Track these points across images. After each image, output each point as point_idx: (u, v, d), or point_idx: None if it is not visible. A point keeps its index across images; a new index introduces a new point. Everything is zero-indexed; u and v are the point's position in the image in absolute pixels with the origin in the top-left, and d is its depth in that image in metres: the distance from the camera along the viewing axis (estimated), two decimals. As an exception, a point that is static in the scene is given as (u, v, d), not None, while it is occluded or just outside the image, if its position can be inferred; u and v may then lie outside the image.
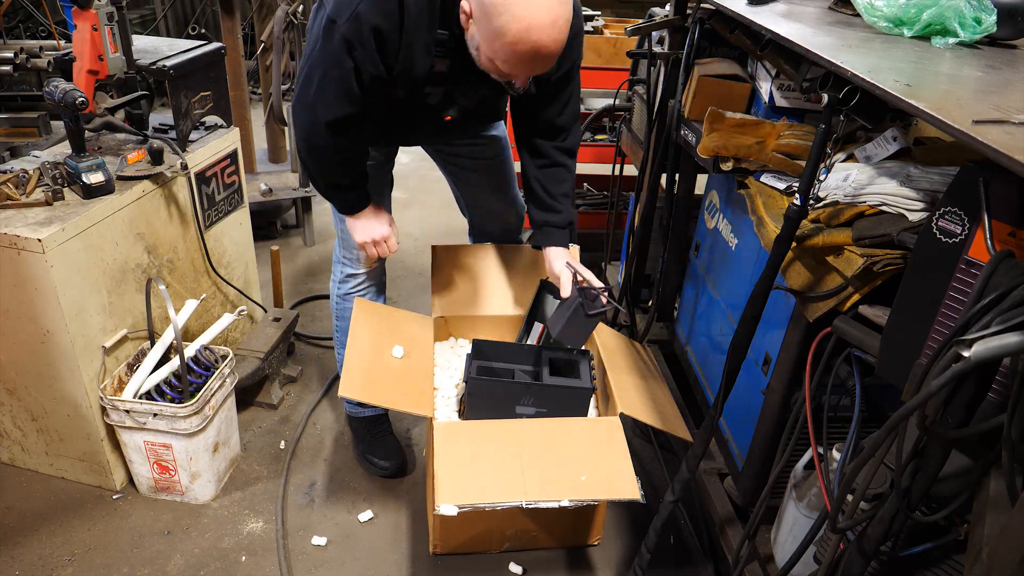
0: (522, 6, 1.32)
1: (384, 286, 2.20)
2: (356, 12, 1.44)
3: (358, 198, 1.84)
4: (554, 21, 1.35)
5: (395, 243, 1.92)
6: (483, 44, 1.43)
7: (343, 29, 1.45)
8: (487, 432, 1.70)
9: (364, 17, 1.44)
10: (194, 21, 5.63)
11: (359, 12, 1.44)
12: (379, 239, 1.88)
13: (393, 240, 1.91)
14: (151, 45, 2.28)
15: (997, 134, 0.92)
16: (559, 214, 1.90)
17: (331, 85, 1.54)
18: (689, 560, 2.02)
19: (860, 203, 1.38)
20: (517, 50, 1.37)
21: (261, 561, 1.95)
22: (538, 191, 1.90)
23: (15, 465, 2.19)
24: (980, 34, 1.40)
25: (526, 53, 1.37)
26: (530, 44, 1.35)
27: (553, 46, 1.38)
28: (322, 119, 1.59)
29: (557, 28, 1.36)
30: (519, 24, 1.33)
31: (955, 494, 1.07)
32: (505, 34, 1.35)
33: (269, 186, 3.43)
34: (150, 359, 2.02)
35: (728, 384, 1.56)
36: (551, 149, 1.88)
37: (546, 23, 1.34)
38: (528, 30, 1.34)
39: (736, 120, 1.71)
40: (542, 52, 1.38)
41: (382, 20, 1.45)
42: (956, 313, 1.04)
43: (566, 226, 1.91)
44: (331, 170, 1.76)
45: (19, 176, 1.90)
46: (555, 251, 1.91)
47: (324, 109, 1.58)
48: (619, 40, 3.03)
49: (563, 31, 1.38)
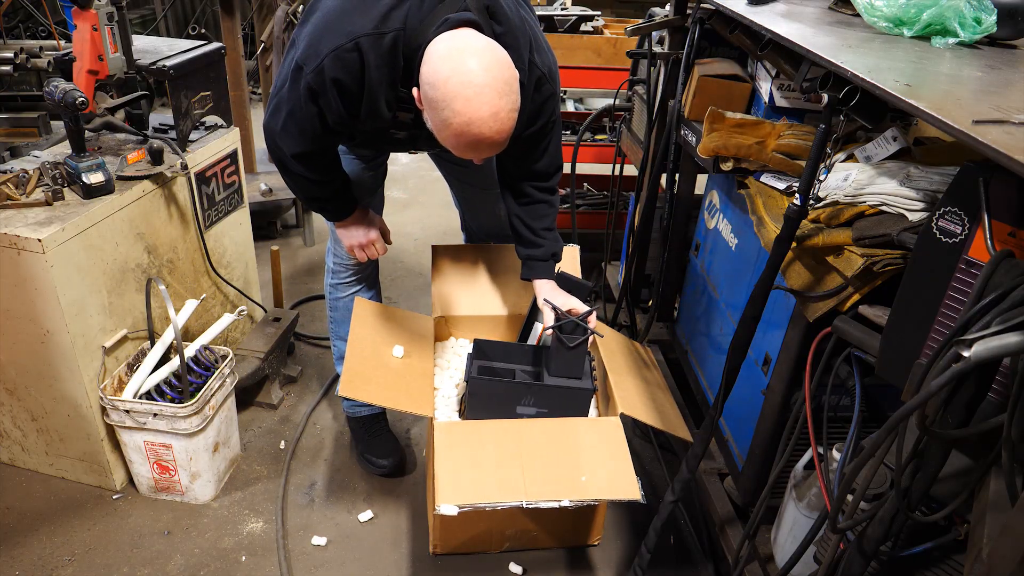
0: (461, 102, 1.35)
1: (376, 277, 2.21)
2: (321, 65, 1.47)
3: (340, 207, 1.86)
4: (495, 114, 1.37)
5: (383, 246, 1.94)
6: (434, 130, 1.47)
7: (308, 78, 1.49)
8: (487, 432, 1.70)
9: (327, 71, 1.47)
10: (194, 21, 5.63)
11: (323, 66, 1.47)
12: (365, 243, 1.90)
13: (380, 243, 1.93)
14: (151, 45, 2.28)
15: (997, 134, 0.92)
16: (540, 248, 1.89)
17: (295, 124, 1.59)
18: (689, 560, 2.02)
19: (860, 203, 1.38)
20: (461, 141, 1.41)
21: (261, 561, 1.95)
22: (519, 227, 1.90)
23: (15, 465, 2.19)
24: (980, 34, 1.40)
25: (470, 144, 1.41)
26: (472, 136, 1.39)
27: (496, 136, 1.40)
28: (287, 151, 1.66)
29: (499, 120, 1.38)
30: (460, 119, 1.36)
31: (955, 494, 1.07)
32: (449, 126, 1.39)
33: (269, 186, 3.43)
34: (150, 359, 2.02)
35: (728, 384, 1.56)
36: (531, 189, 1.87)
37: (486, 116, 1.36)
38: (469, 124, 1.37)
39: (736, 120, 1.71)
40: (485, 142, 1.41)
41: (344, 75, 1.48)
42: (956, 313, 1.04)
43: (548, 258, 1.90)
44: (305, 187, 1.79)
45: (19, 176, 1.90)
46: (540, 283, 1.90)
47: (289, 143, 1.64)
48: (619, 40, 3.03)
49: (506, 121, 1.40)
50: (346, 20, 1.46)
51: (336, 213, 1.88)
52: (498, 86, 1.36)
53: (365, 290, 2.16)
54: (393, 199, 1.97)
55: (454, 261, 2.16)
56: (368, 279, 2.16)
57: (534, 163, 1.83)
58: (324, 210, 1.89)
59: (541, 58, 1.63)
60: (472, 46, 1.39)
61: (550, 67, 1.66)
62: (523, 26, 1.58)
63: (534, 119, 1.69)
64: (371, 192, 2.00)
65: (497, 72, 1.37)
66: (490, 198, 2.19)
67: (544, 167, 1.85)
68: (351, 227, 1.90)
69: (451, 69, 1.36)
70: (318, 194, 1.82)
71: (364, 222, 1.90)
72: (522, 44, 1.56)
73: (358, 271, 2.12)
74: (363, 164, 1.94)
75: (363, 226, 1.90)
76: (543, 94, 1.67)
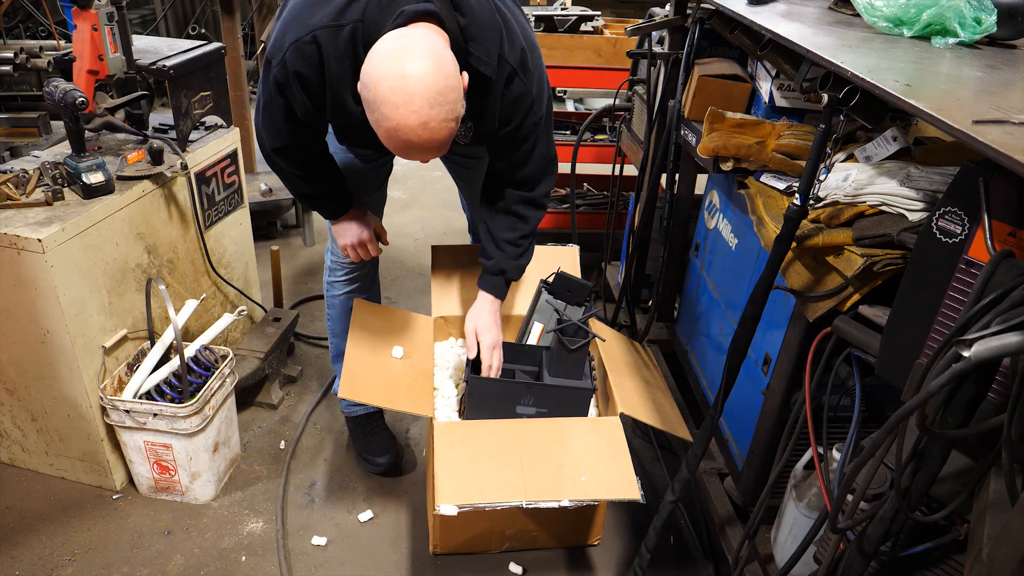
0: (390, 107, 1.33)
1: (375, 277, 2.21)
2: (284, 58, 1.48)
3: (334, 205, 1.86)
4: (424, 123, 1.33)
5: (376, 247, 1.93)
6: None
7: (275, 71, 1.51)
8: (487, 432, 1.70)
9: (289, 63, 1.48)
10: (194, 21, 5.63)
11: (286, 58, 1.47)
12: (358, 243, 1.90)
13: (374, 244, 1.92)
14: (151, 45, 2.28)
15: (997, 134, 0.92)
16: (491, 259, 1.84)
17: (269, 118, 1.61)
18: (689, 560, 2.02)
19: (860, 203, 1.38)
20: (392, 144, 1.40)
21: (261, 561, 1.95)
22: (482, 230, 1.87)
23: (15, 465, 2.19)
24: (980, 34, 1.40)
25: (400, 147, 1.40)
26: (400, 141, 1.37)
27: (428, 144, 1.37)
28: (267, 146, 1.69)
29: (428, 129, 1.34)
30: (388, 123, 1.35)
31: (955, 494, 1.07)
32: (379, 127, 1.38)
33: (269, 186, 3.43)
34: (150, 359, 2.02)
35: (728, 384, 1.56)
36: (509, 195, 1.80)
37: (415, 125, 1.33)
38: (396, 129, 1.35)
39: (736, 120, 1.71)
40: (416, 148, 1.38)
41: (304, 68, 1.48)
42: (956, 313, 1.04)
43: (497, 273, 1.84)
44: (294, 183, 1.80)
45: (19, 176, 1.90)
46: (480, 299, 1.87)
47: (268, 138, 1.67)
48: (619, 40, 3.03)
49: (437, 131, 1.36)
50: (307, 13, 1.46)
51: (330, 211, 1.87)
52: (430, 96, 1.31)
53: (361, 289, 2.15)
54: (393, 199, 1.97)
55: (454, 261, 2.16)
56: (365, 278, 2.16)
57: (514, 170, 1.77)
58: (318, 207, 1.89)
59: (512, 52, 1.54)
60: (416, 49, 1.34)
61: (523, 61, 1.57)
62: (493, 18, 1.51)
63: (508, 118, 1.62)
64: (372, 191, 1.99)
65: (432, 81, 1.32)
66: None
67: (525, 176, 1.77)
68: (345, 226, 1.89)
69: (385, 72, 1.33)
70: (307, 191, 1.82)
71: (359, 222, 1.89)
72: (489, 38, 1.50)
73: (355, 270, 2.11)
74: (364, 163, 1.94)
75: (357, 226, 1.89)
76: (514, 91, 1.58)
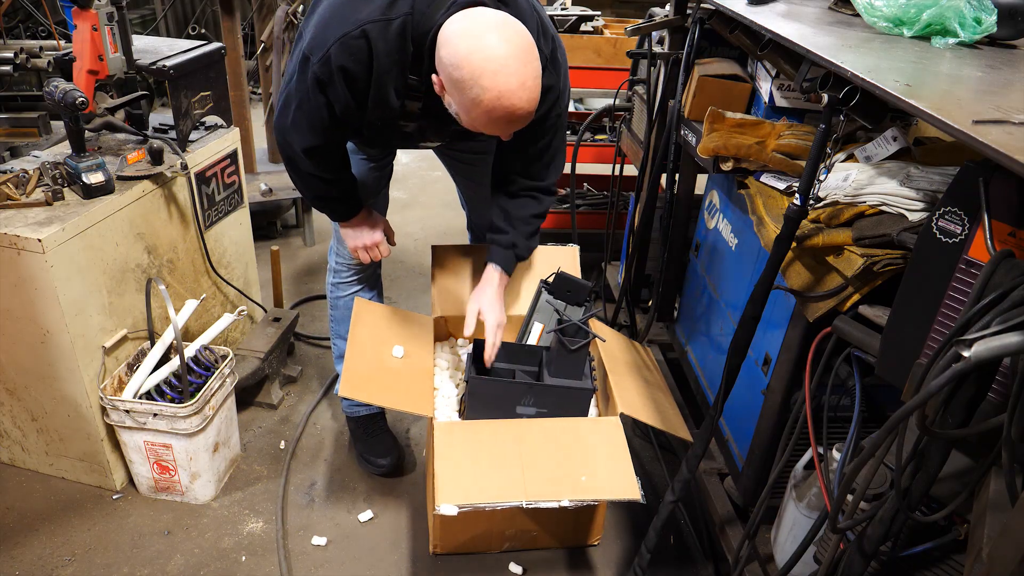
0: (489, 77, 1.35)
1: (379, 278, 2.21)
2: (328, 54, 1.47)
3: (347, 208, 1.86)
4: (523, 83, 1.37)
5: (386, 248, 1.93)
6: (461, 112, 1.47)
7: (315, 68, 1.49)
8: (487, 432, 1.70)
9: (334, 59, 1.47)
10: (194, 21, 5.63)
11: (330, 54, 1.47)
12: (370, 245, 1.90)
13: (384, 246, 1.93)
14: (151, 45, 2.28)
15: (997, 134, 0.92)
16: (505, 234, 1.87)
17: (304, 117, 1.59)
18: (689, 560, 2.02)
19: (860, 203, 1.38)
20: (493, 116, 1.41)
21: (261, 561, 1.95)
22: (496, 214, 1.89)
23: (15, 465, 2.19)
24: (980, 34, 1.40)
25: (502, 118, 1.41)
26: (504, 110, 1.39)
27: (527, 106, 1.41)
28: (297, 146, 1.65)
29: (527, 89, 1.39)
30: (490, 94, 1.36)
31: (955, 494, 1.07)
32: (479, 105, 1.39)
33: (269, 186, 3.43)
34: (150, 359, 2.02)
35: (728, 384, 1.56)
36: (523, 184, 1.85)
37: (515, 87, 1.37)
38: (499, 98, 1.37)
39: (736, 120, 1.71)
40: (517, 114, 1.41)
41: (351, 64, 1.48)
42: (956, 313, 1.04)
43: (508, 247, 1.87)
44: (314, 186, 1.78)
45: (19, 176, 1.90)
46: (488, 273, 1.87)
47: (299, 137, 1.63)
48: (619, 40, 3.03)
49: (534, 90, 1.40)
50: (352, 8, 1.46)
51: (343, 213, 1.87)
52: (521, 55, 1.37)
53: (366, 290, 2.16)
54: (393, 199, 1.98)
55: (454, 261, 2.16)
56: (369, 279, 2.16)
57: (533, 159, 1.81)
58: (331, 210, 1.88)
59: (545, 44, 1.60)
60: (488, 20, 1.39)
61: (553, 54, 1.64)
62: (531, 11, 1.57)
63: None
64: (375, 193, 2.00)
65: (518, 41, 1.37)
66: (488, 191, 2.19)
67: (543, 166, 1.83)
68: (356, 228, 1.89)
69: (471, 46, 1.36)
70: (326, 193, 1.81)
71: (369, 223, 1.90)
72: (530, 27, 1.53)
73: (360, 271, 2.12)
74: (369, 164, 1.94)
75: (368, 227, 1.90)
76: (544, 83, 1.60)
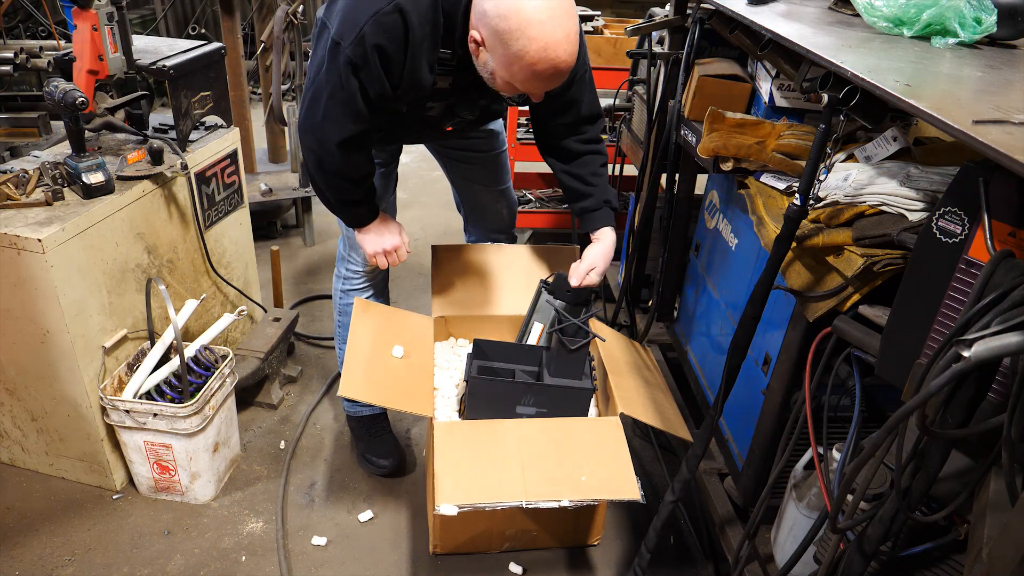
0: (537, 28, 1.37)
1: (387, 283, 2.21)
2: (361, 34, 1.46)
3: (368, 211, 1.84)
4: (568, 35, 1.41)
5: (405, 252, 1.91)
6: (499, 69, 1.47)
7: (348, 51, 1.48)
8: (487, 432, 1.70)
9: (368, 38, 1.47)
10: (194, 21, 5.63)
11: (364, 34, 1.46)
12: (390, 249, 1.87)
13: (403, 250, 1.90)
14: (151, 45, 2.28)
15: (997, 134, 0.92)
16: (590, 197, 1.90)
17: (338, 106, 1.57)
18: (689, 560, 2.02)
19: (860, 203, 1.38)
20: (537, 70, 1.42)
21: (261, 561, 1.95)
22: (568, 182, 1.92)
23: (15, 465, 2.19)
24: (980, 34, 1.40)
25: (546, 71, 1.43)
26: (549, 63, 1.41)
27: (570, 59, 1.44)
28: (332, 139, 1.62)
29: (570, 41, 1.42)
30: (536, 45, 1.39)
31: (955, 494, 1.07)
32: (524, 56, 1.40)
33: (269, 186, 3.43)
34: (150, 359, 2.02)
35: (728, 384, 1.56)
36: (576, 144, 1.89)
37: (561, 39, 1.40)
38: (545, 49, 1.39)
39: (736, 120, 1.71)
40: (560, 67, 1.44)
41: (386, 41, 1.48)
42: (956, 313, 1.04)
43: (601, 206, 1.90)
44: (343, 187, 1.76)
45: (19, 176, 1.90)
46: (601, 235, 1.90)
47: (334, 129, 1.61)
48: (619, 40, 3.03)
49: (575, 43, 1.44)
50: None
51: (364, 218, 1.84)
52: (565, 7, 1.40)
53: (377, 295, 2.15)
54: (393, 199, 2.02)
55: (454, 261, 2.16)
56: (379, 285, 2.15)
57: (577, 120, 1.85)
58: (353, 216, 1.84)
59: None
60: None
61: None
62: None
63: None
64: (383, 197, 1.99)
65: None
66: (493, 196, 2.20)
67: (587, 114, 1.86)
68: (376, 232, 1.86)
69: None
70: (352, 196, 1.78)
71: (388, 227, 1.88)
72: None
73: (371, 277, 2.11)
74: (380, 169, 1.94)
75: (387, 232, 1.87)
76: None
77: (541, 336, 2.01)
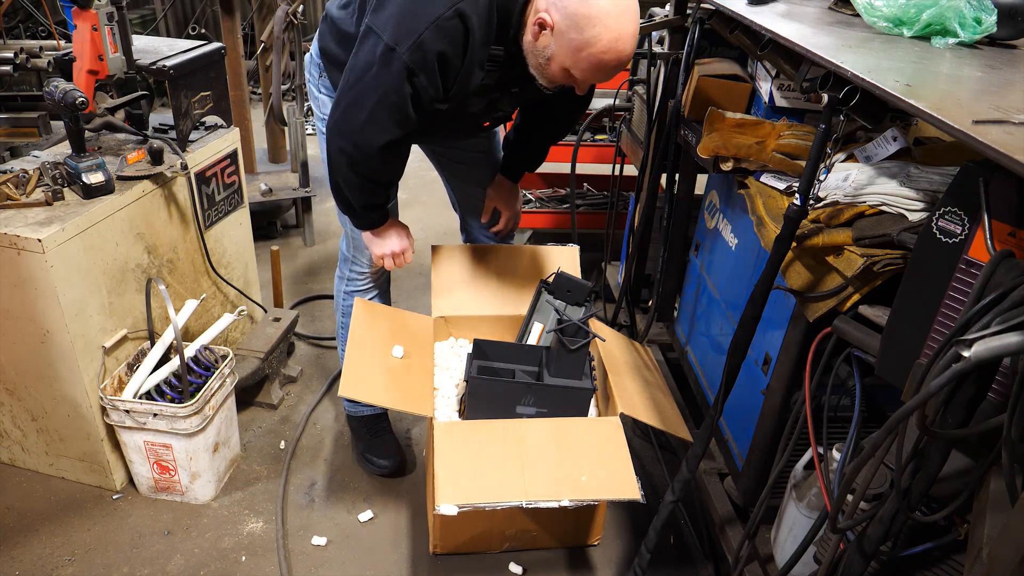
0: (613, 17, 1.41)
1: (388, 284, 2.21)
2: (420, 40, 1.46)
3: (384, 215, 1.86)
4: (634, 32, 1.46)
5: (411, 255, 1.92)
6: (562, 55, 1.48)
7: (405, 57, 1.47)
8: (487, 432, 1.70)
9: (429, 45, 1.47)
10: (194, 21, 5.63)
11: (423, 40, 1.46)
12: (398, 252, 1.89)
13: (410, 252, 1.91)
14: (151, 45, 2.28)
15: (997, 134, 0.92)
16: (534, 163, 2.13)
17: (386, 111, 1.56)
18: (689, 560, 2.02)
19: (860, 203, 1.38)
20: (604, 59, 1.45)
21: (261, 561, 1.95)
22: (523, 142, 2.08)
23: (15, 465, 2.19)
24: (980, 34, 1.40)
25: (611, 61, 1.46)
26: (616, 53, 1.45)
27: (631, 55, 1.49)
28: (375, 143, 1.60)
29: (635, 37, 1.48)
30: (611, 35, 1.42)
31: (955, 494, 1.07)
32: (595, 44, 1.43)
33: (269, 186, 3.43)
34: (150, 359, 2.02)
35: (728, 384, 1.56)
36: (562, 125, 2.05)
37: (630, 34, 1.44)
38: (618, 40, 1.43)
39: (736, 120, 1.71)
40: (623, 60, 1.48)
41: (448, 46, 1.48)
42: (956, 313, 1.04)
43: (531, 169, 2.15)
44: (372, 190, 1.75)
45: (19, 176, 1.90)
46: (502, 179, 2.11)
47: (378, 133, 1.59)
48: (619, 40, 3.02)
49: (636, 37, 1.48)
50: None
51: (378, 221, 1.85)
52: (633, 6, 1.45)
53: (379, 296, 2.16)
54: (393, 199, 2.02)
55: (454, 261, 2.16)
56: (381, 286, 2.16)
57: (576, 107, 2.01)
58: (369, 219, 1.84)
59: None
60: None
61: None
62: None
63: None
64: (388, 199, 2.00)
65: None
66: (479, 190, 2.19)
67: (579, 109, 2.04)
68: (386, 235, 1.87)
69: None
70: (374, 200, 1.78)
71: (396, 230, 1.89)
72: None
73: (374, 278, 2.11)
74: None
75: (395, 234, 1.88)
76: None
77: (541, 336, 2.02)
